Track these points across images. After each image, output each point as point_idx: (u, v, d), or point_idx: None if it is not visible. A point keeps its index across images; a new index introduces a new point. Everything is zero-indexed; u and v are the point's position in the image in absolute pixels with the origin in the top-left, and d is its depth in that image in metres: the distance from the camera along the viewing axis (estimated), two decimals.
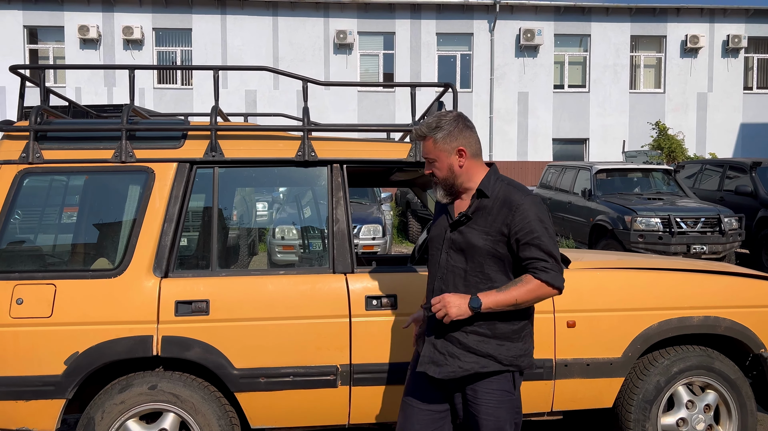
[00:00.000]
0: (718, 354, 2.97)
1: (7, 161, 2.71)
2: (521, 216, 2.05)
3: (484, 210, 2.11)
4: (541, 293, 2.05)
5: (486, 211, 2.11)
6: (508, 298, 2.04)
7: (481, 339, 2.10)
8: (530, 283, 2.04)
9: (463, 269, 2.13)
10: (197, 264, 3.36)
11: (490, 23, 18.98)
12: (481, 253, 2.10)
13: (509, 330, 2.11)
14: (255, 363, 2.66)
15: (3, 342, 2.55)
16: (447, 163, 2.14)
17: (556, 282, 2.04)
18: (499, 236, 2.08)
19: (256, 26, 18.56)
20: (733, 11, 19.22)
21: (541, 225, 2.05)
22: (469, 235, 2.11)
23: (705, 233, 8.09)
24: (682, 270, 3.05)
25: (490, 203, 2.11)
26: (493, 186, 2.13)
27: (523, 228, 2.04)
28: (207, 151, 2.81)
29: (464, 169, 2.15)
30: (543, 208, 2.11)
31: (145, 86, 18.27)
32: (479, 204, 2.13)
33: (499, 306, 2.04)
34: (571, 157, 19.22)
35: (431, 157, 2.16)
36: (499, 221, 2.07)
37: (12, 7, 17.98)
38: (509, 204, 2.07)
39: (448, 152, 2.13)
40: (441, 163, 2.15)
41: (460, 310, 2.04)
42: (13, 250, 2.74)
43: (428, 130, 2.14)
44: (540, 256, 2.04)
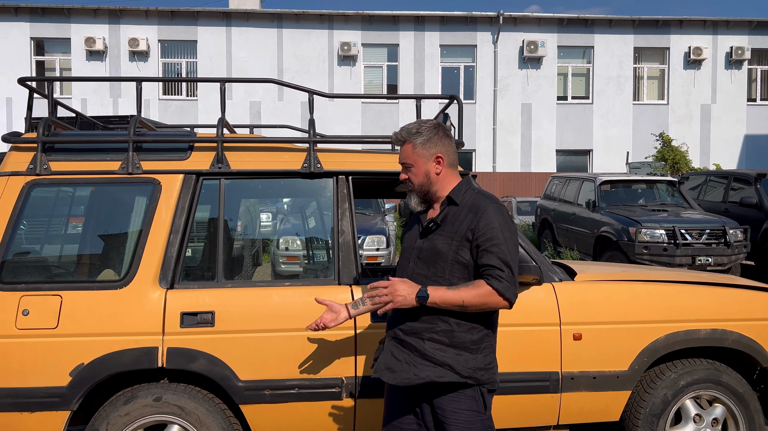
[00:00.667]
0: (726, 368, 2.95)
1: (15, 172, 2.72)
2: (485, 222, 2.04)
3: (452, 216, 2.11)
4: (490, 301, 2.00)
5: (454, 218, 2.10)
6: (456, 298, 2.00)
7: (437, 347, 2.06)
8: (480, 288, 2.00)
9: (425, 275, 2.11)
10: (203, 275, 3.36)
11: (493, 35, 19.07)
12: (445, 259, 2.08)
13: (468, 340, 2.07)
14: (260, 375, 2.66)
15: (9, 353, 2.55)
16: (424, 169, 2.14)
17: (507, 294, 2.00)
18: (463, 241, 2.06)
19: (261, 38, 18.69)
20: (736, 23, 19.28)
21: (502, 234, 2.03)
22: (435, 242, 2.11)
23: (710, 245, 8.06)
24: (689, 282, 3.04)
25: (459, 210, 2.11)
26: (464, 194, 2.13)
27: (484, 234, 2.03)
28: (213, 162, 2.82)
29: (440, 177, 2.15)
30: (508, 218, 2.09)
31: (150, 97, 18.38)
32: (448, 211, 2.13)
33: (445, 302, 2.01)
34: (574, 168, 19.23)
35: (408, 162, 2.16)
36: (464, 226, 2.06)
37: (19, 19, 18.15)
38: (476, 209, 2.07)
39: (425, 158, 2.13)
40: (418, 168, 2.14)
41: (406, 300, 2.01)
42: (19, 261, 2.75)
43: (407, 135, 2.14)
44: (496, 264, 2.01)
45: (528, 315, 2.76)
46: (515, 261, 2.04)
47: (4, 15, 18.10)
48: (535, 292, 2.80)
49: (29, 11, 18.14)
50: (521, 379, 2.76)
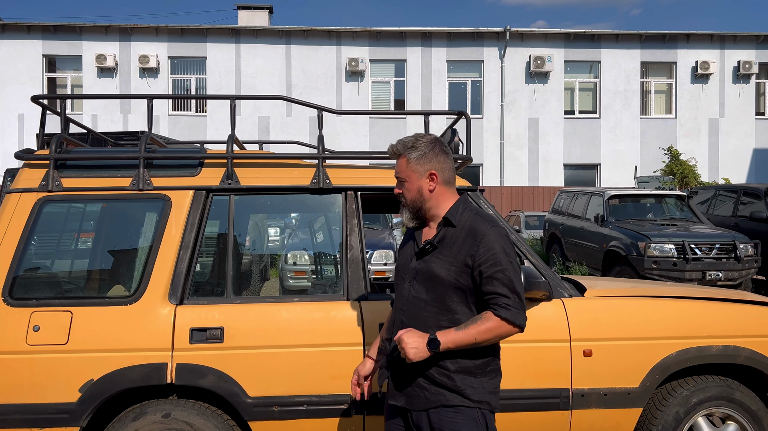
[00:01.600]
0: (738, 385, 2.92)
1: (28, 189, 2.75)
2: (486, 248, 1.97)
3: (449, 239, 2.04)
4: (501, 332, 1.96)
5: (451, 241, 2.04)
6: (467, 338, 1.95)
7: (444, 372, 2.01)
8: (490, 321, 1.95)
9: (423, 300, 2.06)
10: (212, 291, 3.37)
11: (500, 50, 19.17)
12: (443, 284, 2.02)
13: (472, 365, 2.02)
14: (269, 391, 2.65)
15: (19, 369, 2.56)
16: (417, 185, 2.08)
17: (517, 321, 1.95)
18: (463, 267, 2.00)
19: (269, 54, 18.86)
20: (744, 37, 19.28)
21: (506, 259, 1.98)
22: (432, 265, 2.04)
23: (720, 259, 8.01)
24: (700, 298, 3.02)
25: (456, 233, 2.04)
26: (461, 215, 2.06)
27: (487, 260, 1.97)
28: (223, 178, 2.84)
29: (434, 194, 2.08)
30: (509, 241, 2.04)
31: (160, 113, 18.55)
32: (445, 233, 2.06)
33: (457, 345, 1.95)
34: (582, 182, 19.19)
35: (402, 176, 2.10)
36: (463, 252, 2.00)
37: (32, 37, 18.42)
38: (474, 234, 2.00)
39: (419, 174, 2.07)
40: (411, 183, 2.09)
41: (418, 353, 1.95)
42: (31, 277, 2.77)
43: (403, 149, 2.09)
44: (502, 292, 1.95)
45: (538, 332, 2.74)
46: (520, 285, 2.00)
47: (17, 33, 18.38)
48: (544, 308, 2.79)
49: (42, 29, 18.41)
50: (531, 396, 2.74)
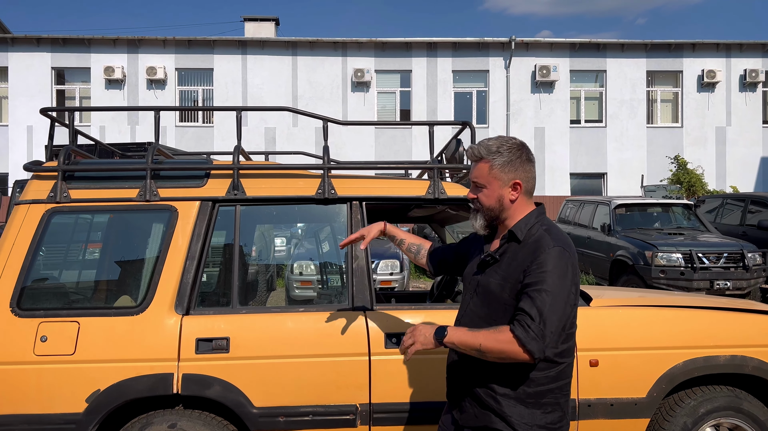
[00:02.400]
0: (747, 395, 2.90)
1: (36, 200, 2.77)
2: (538, 263, 1.82)
3: (511, 254, 1.92)
4: (509, 350, 1.78)
5: (512, 256, 1.91)
6: (472, 340, 1.83)
7: (490, 394, 1.90)
8: (502, 334, 1.80)
9: (478, 315, 1.96)
10: (218, 301, 3.38)
11: (505, 60, 19.21)
12: (498, 301, 1.90)
13: (522, 393, 1.86)
14: (274, 401, 2.65)
15: (26, 379, 2.57)
16: (498, 194, 1.94)
17: (530, 345, 1.75)
18: (516, 284, 1.86)
19: (276, 65, 18.97)
20: (750, 46, 19.26)
21: (553, 280, 1.79)
22: (490, 279, 1.94)
23: (728, 269, 7.96)
24: (707, 307, 3.00)
25: (520, 248, 1.90)
26: (529, 230, 1.92)
27: (532, 276, 1.81)
28: (229, 189, 2.85)
29: (514, 205, 1.95)
30: (567, 266, 1.83)
31: (168, 124, 18.67)
32: (508, 247, 1.94)
33: (462, 345, 1.85)
34: (589, 191, 19.15)
35: (482, 182, 1.95)
36: (520, 269, 1.86)
37: (41, 49, 18.61)
38: (534, 251, 1.85)
39: (502, 182, 1.93)
40: (491, 191, 1.94)
41: (425, 340, 1.89)
42: (38, 288, 2.79)
43: (487, 153, 1.94)
44: (528, 310, 1.78)
45: None
46: (555, 314, 1.77)
47: (26, 45, 18.57)
48: None
49: (51, 42, 18.60)
50: None
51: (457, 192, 3.00)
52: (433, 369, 2.72)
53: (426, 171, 3.53)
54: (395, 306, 2.84)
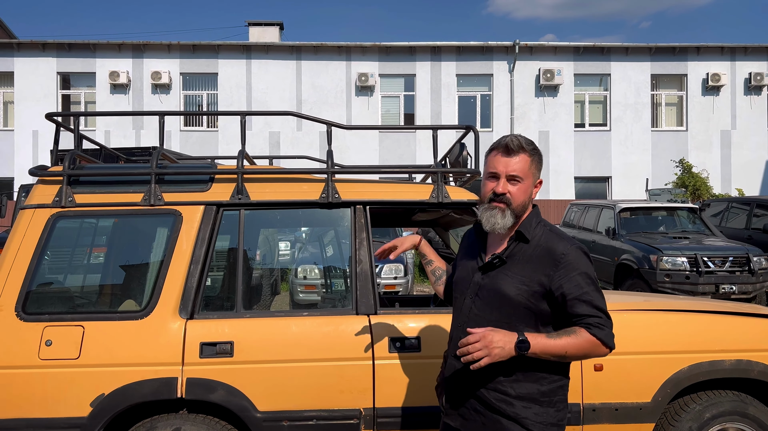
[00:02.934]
0: (752, 400, 2.88)
1: (41, 205, 2.79)
2: (566, 269, 1.86)
3: (521, 256, 1.92)
4: (592, 350, 1.85)
5: (524, 258, 1.91)
6: (558, 347, 1.82)
7: (502, 398, 1.88)
8: (583, 337, 1.83)
9: (487, 320, 1.92)
10: (222, 305, 3.39)
11: (509, 64, 19.21)
12: (513, 304, 1.89)
13: (536, 392, 1.88)
14: (278, 406, 2.65)
15: (31, 383, 2.58)
16: (530, 190, 1.94)
17: (610, 341, 1.85)
18: (537, 288, 1.87)
19: (280, 70, 19.02)
20: (754, 49, 19.21)
21: (588, 280, 1.86)
22: (500, 282, 1.91)
23: (734, 272, 7.93)
24: (712, 312, 2.99)
25: (530, 249, 1.91)
26: (534, 230, 1.94)
27: (569, 283, 1.85)
28: (233, 193, 2.86)
29: (530, 203, 1.97)
30: (589, 261, 1.91)
31: (172, 129, 18.72)
32: (516, 248, 1.93)
33: (546, 353, 1.82)
34: (593, 195, 19.11)
35: (522, 175, 1.92)
36: (539, 272, 1.87)
37: (47, 54, 18.71)
38: (552, 254, 1.88)
39: (534, 178, 1.95)
40: (526, 185, 1.93)
41: (504, 351, 1.78)
42: (43, 292, 2.80)
43: (527, 146, 1.93)
44: (592, 313, 1.84)
45: None
46: (605, 304, 1.88)
47: (32, 51, 18.68)
48: None
49: (56, 47, 18.70)
50: None
51: (460, 196, 3.00)
52: (436, 373, 2.72)
53: (430, 175, 3.53)
54: (399, 310, 2.84)
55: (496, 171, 1.93)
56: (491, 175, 1.95)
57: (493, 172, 1.94)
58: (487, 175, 1.97)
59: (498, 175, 1.93)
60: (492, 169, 1.94)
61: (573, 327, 1.86)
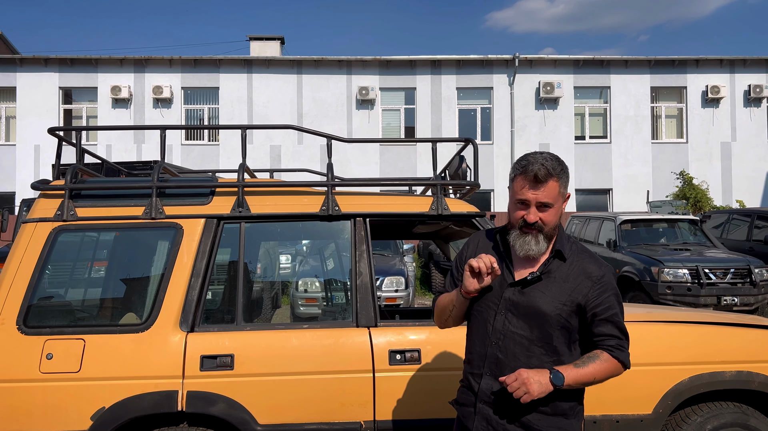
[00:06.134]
0: (753, 411, 2.87)
1: (43, 219, 2.80)
2: (601, 289, 1.92)
3: (557, 273, 1.93)
4: (615, 372, 1.93)
5: (560, 276, 1.92)
6: (587, 375, 1.87)
7: (541, 417, 1.91)
8: (608, 362, 1.90)
9: (527, 338, 1.91)
10: (222, 318, 3.39)
11: (509, 77, 19.31)
12: (550, 323, 1.89)
13: (567, 407, 1.94)
14: (278, 419, 2.65)
15: (32, 397, 2.58)
16: (560, 211, 1.93)
17: (628, 362, 1.95)
18: (574, 307, 1.91)
19: (281, 84, 19.13)
20: (753, 61, 19.30)
21: (617, 301, 1.95)
22: (537, 300, 1.90)
23: (735, 284, 7.92)
24: (713, 323, 2.99)
25: (566, 268, 1.93)
26: (569, 248, 1.97)
27: (603, 303, 1.91)
28: (234, 206, 2.88)
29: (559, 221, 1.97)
30: (615, 282, 2.00)
31: (173, 143, 18.80)
32: (553, 266, 1.94)
33: (578, 383, 1.87)
34: (594, 207, 19.11)
35: (551, 201, 1.88)
36: (577, 291, 1.91)
37: (49, 69, 18.83)
38: (590, 274, 1.93)
39: (563, 197, 1.94)
40: (557, 209, 1.91)
41: (542, 388, 1.81)
42: (45, 305, 2.80)
43: (554, 171, 1.87)
44: (616, 334, 1.92)
45: None
46: (625, 327, 1.97)
47: (34, 66, 18.81)
48: None
49: (59, 62, 18.83)
50: None
51: (460, 208, 3.02)
52: (437, 385, 2.71)
53: (429, 187, 3.55)
54: (399, 322, 2.84)
55: (525, 199, 1.89)
56: (520, 202, 1.91)
57: (522, 199, 1.89)
58: (515, 200, 1.92)
59: (528, 202, 1.89)
60: (521, 196, 1.89)
61: (595, 352, 1.93)
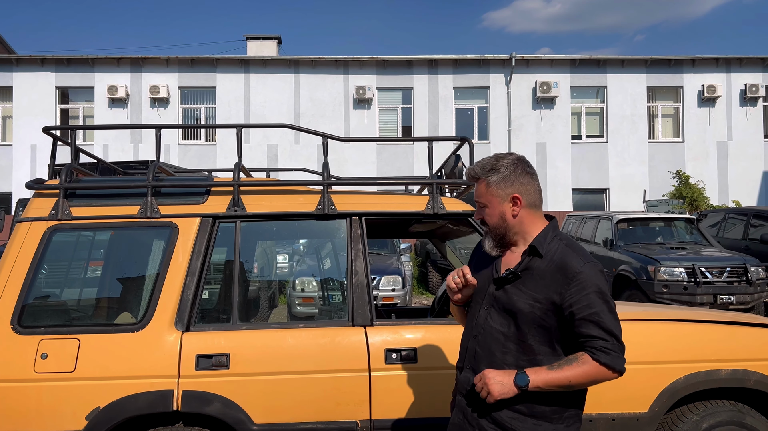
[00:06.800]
0: (749, 409, 2.88)
1: (38, 218, 2.79)
2: (578, 287, 1.80)
3: (535, 271, 1.88)
4: (599, 376, 1.79)
5: (537, 273, 1.87)
6: (561, 379, 1.78)
7: (516, 416, 1.85)
8: (587, 364, 1.78)
9: (503, 333, 1.90)
10: (218, 317, 3.39)
11: (506, 76, 19.32)
12: (526, 320, 1.85)
13: (548, 410, 1.84)
14: (274, 418, 2.64)
15: (27, 397, 2.57)
16: (499, 211, 1.93)
17: (618, 366, 1.79)
18: (548, 305, 1.83)
19: (278, 84, 19.11)
20: (749, 61, 19.34)
21: (601, 299, 1.80)
22: (514, 297, 1.88)
23: (731, 283, 7.93)
24: (709, 321, 3.00)
25: (544, 265, 1.86)
26: (549, 245, 1.89)
27: (579, 301, 1.79)
28: (230, 206, 2.87)
29: (518, 220, 1.92)
30: (603, 278, 1.84)
31: (170, 143, 18.76)
32: (530, 263, 1.89)
33: (549, 386, 1.79)
34: (591, 206, 19.14)
35: (482, 201, 1.95)
36: (551, 289, 1.83)
37: (45, 69, 18.79)
38: (565, 270, 1.83)
39: (501, 198, 1.92)
40: (492, 209, 1.94)
41: (503, 388, 1.80)
42: (39, 305, 2.79)
43: (482, 172, 1.94)
44: (599, 335, 1.78)
45: None
46: (618, 326, 1.81)
47: (31, 65, 18.76)
48: None
49: (55, 62, 18.79)
50: None
51: (456, 207, 3.01)
52: (433, 384, 2.71)
53: (425, 186, 3.54)
54: (395, 321, 2.84)
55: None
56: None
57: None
58: None
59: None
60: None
61: (576, 354, 1.82)
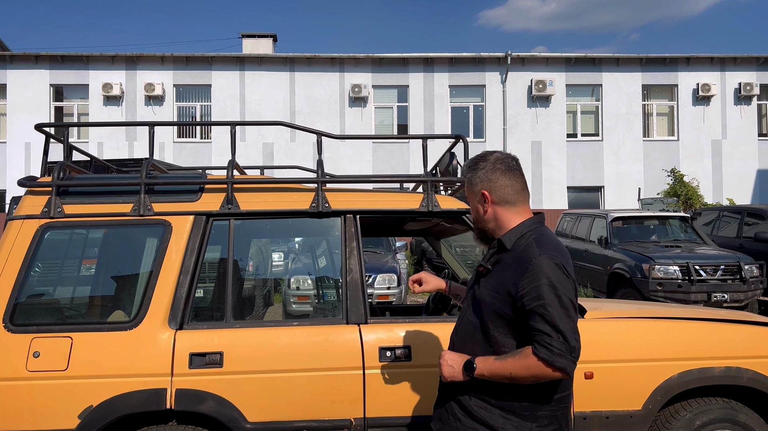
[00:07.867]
0: (743, 407, 2.89)
1: (30, 216, 2.78)
2: (530, 278, 1.78)
3: (501, 265, 1.91)
4: (539, 373, 1.74)
5: (502, 267, 1.90)
6: (503, 370, 1.79)
7: (483, 405, 1.87)
8: (528, 358, 1.75)
9: (473, 325, 1.96)
10: (212, 315, 3.38)
11: (502, 75, 19.33)
12: (488, 311, 1.89)
13: (517, 405, 1.84)
14: (268, 416, 2.64)
15: (19, 396, 2.56)
16: (474, 206, 2.02)
17: (557, 364, 1.71)
18: (505, 295, 1.84)
19: (273, 81, 19.07)
20: (744, 59, 19.40)
21: (551, 292, 1.75)
22: (482, 289, 1.94)
23: (725, 281, 7.96)
24: (703, 319, 3.00)
25: (509, 258, 1.89)
26: (519, 239, 1.90)
27: (529, 293, 1.77)
28: (223, 203, 2.86)
29: (490, 216, 1.96)
30: (560, 272, 1.78)
31: (165, 140, 18.71)
32: (498, 257, 1.94)
33: (493, 375, 1.81)
34: (586, 204, 19.18)
35: (467, 198, 2.06)
36: (509, 280, 1.84)
37: (40, 66, 18.70)
38: (522, 260, 1.83)
39: (474, 194, 1.99)
40: (471, 206, 2.04)
41: (453, 371, 1.89)
42: (32, 303, 2.78)
43: (465, 170, 2.03)
44: (544, 329, 1.74)
45: None
46: (567, 322, 1.74)
47: (25, 63, 18.66)
48: None
49: (49, 59, 18.69)
50: None
51: (450, 205, 3.01)
52: (427, 382, 2.71)
53: (420, 184, 3.54)
54: (389, 319, 2.84)
55: None
56: None
57: None
58: None
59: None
60: None
61: (522, 348, 1.80)
